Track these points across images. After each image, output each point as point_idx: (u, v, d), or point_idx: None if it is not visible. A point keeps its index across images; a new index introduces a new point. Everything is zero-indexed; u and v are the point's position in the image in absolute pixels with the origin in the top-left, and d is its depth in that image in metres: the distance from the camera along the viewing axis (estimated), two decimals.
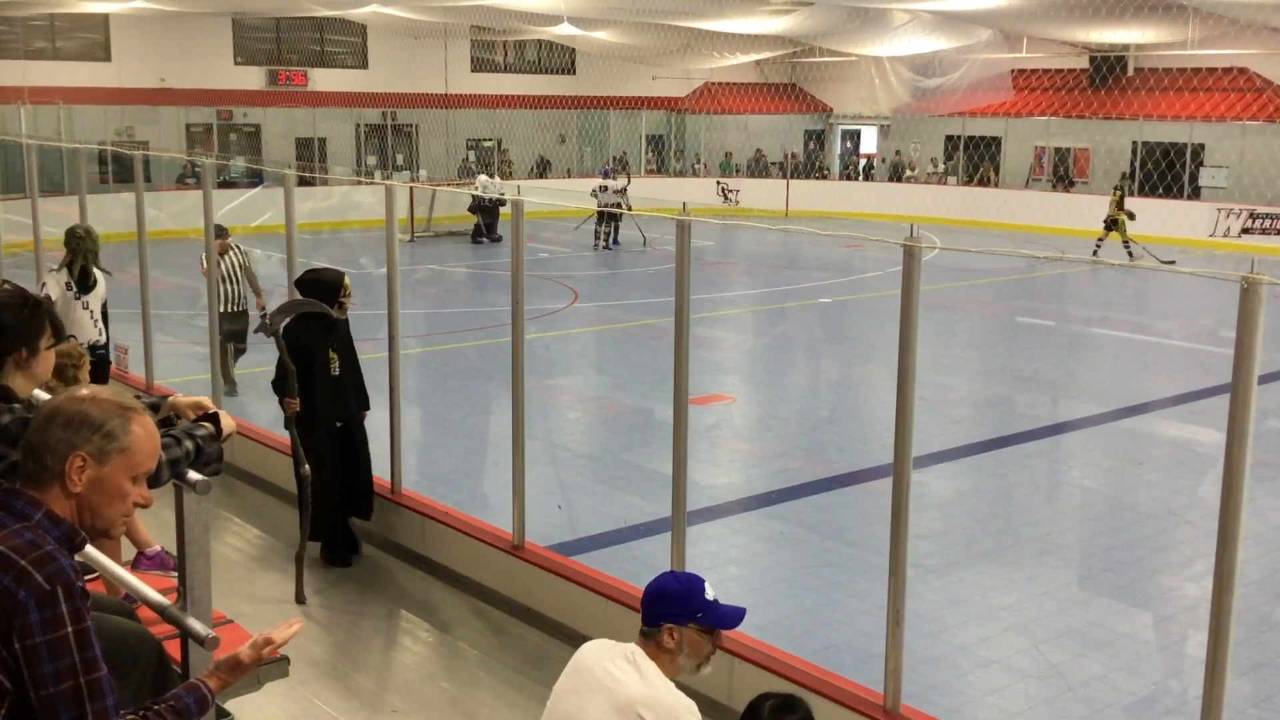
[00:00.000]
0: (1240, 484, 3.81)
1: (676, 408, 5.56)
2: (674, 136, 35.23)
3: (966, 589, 7.46)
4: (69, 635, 2.23)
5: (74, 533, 2.38)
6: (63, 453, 2.35)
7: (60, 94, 24.97)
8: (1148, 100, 28.44)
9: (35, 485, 2.36)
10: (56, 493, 2.37)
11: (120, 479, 2.41)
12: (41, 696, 2.22)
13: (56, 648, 2.21)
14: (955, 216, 27.66)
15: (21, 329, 3.29)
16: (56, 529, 2.34)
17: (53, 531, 2.33)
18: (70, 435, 2.36)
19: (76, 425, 2.37)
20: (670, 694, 3.13)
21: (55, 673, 2.22)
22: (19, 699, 2.24)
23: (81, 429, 2.37)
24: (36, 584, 2.21)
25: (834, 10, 23.23)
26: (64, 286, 8.51)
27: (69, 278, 8.56)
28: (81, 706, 2.24)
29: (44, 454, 2.36)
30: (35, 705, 2.23)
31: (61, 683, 2.22)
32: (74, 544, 2.38)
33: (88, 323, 8.59)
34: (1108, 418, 11.85)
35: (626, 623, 3.35)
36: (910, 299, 4.58)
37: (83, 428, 2.37)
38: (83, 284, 8.57)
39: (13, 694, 2.24)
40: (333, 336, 6.98)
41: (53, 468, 2.36)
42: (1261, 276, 3.68)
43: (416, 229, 25.86)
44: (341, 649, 6.12)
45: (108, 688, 2.29)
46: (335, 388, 6.99)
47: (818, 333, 17.14)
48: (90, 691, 2.25)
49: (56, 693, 2.22)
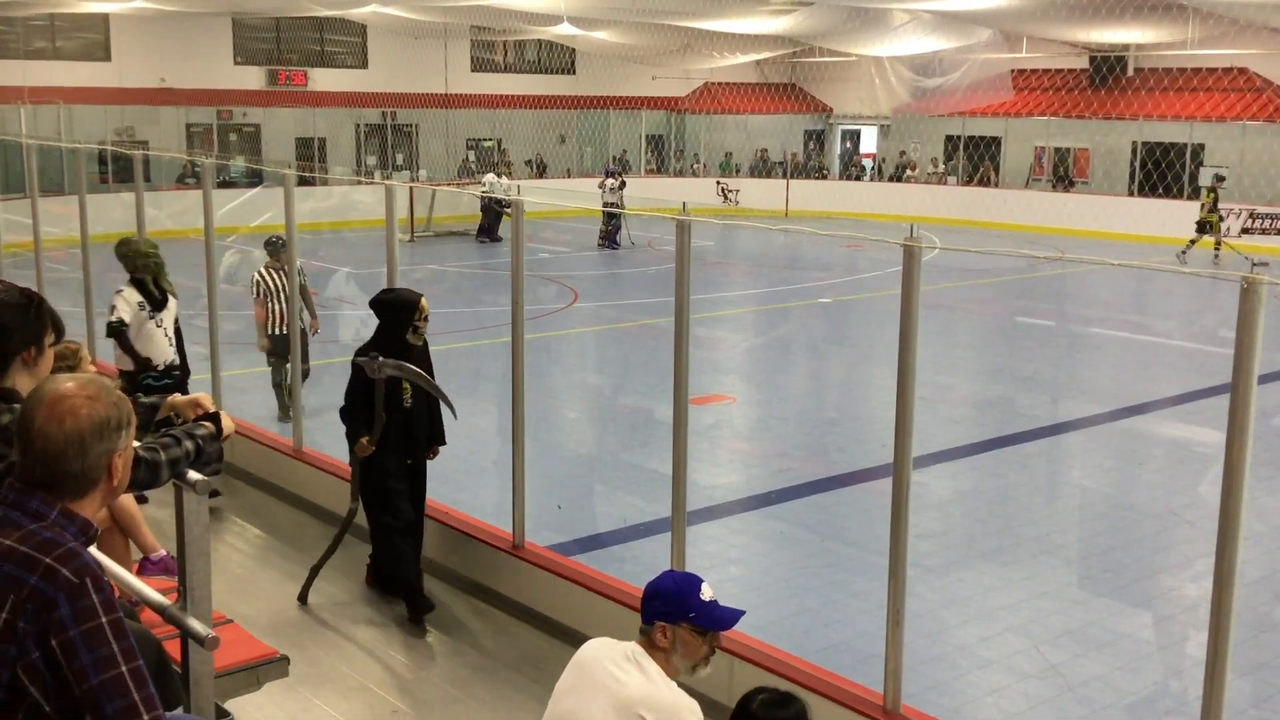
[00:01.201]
0: (1240, 484, 3.81)
1: (676, 408, 5.56)
2: (674, 136, 35.23)
3: (966, 589, 7.46)
4: (104, 625, 2.23)
5: (88, 525, 2.40)
6: (106, 463, 2.40)
7: (60, 94, 24.98)
8: (1148, 100, 28.43)
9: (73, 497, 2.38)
10: (96, 495, 2.40)
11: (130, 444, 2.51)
12: (85, 690, 2.21)
13: (93, 638, 2.21)
14: (955, 216, 27.66)
15: (27, 328, 3.29)
16: (72, 525, 2.35)
17: (69, 528, 2.34)
18: (108, 444, 2.40)
19: (104, 433, 2.40)
20: (672, 693, 3.13)
21: (95, 663, 2.21)
22: (37, 709, 2.23)
23: (108, 435, 2.40)
24: (65, 579, 2.22)
25: (834, 10, 23.23)
26: (136, 306, 7.92)
27: (140, 296, 7.96)
28: (129, 695, 2.23)
29: (91, 473, 2.38)
30: (80, 700, 2.21)
31: (103, 672, 2.21)
32: (89, 536, 2.40)
33: (163, 342, 8.05)
34: (1108, 418, 11.85)
35: (626, 623, 3.35)
36: (910, 299, 4.58)
37: (108, 433, 2.40)
38: (155, 301, 8.03)
39: (32, 701, 2.22)
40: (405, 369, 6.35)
41: (97, 479, 2.39)
42: (1261, 276, 3.68)
43: (416, 229, 25.86)
44: (341, 649, 6.12)
45: (148, 675, 2.29)
46: (406, 422, 6.36)
47: (818, 333, 17.13)
48: (135, 679, 2.24)
49: (99, 683, 2.20)
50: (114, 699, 2.21)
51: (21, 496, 2.35)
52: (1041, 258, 5.95)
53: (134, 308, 7.91)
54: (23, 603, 2.19)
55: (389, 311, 6.34)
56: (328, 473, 7.90)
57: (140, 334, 7.94)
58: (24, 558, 2.23)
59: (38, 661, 2.20)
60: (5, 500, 2.37)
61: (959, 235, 24.57)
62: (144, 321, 7.92)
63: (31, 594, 2.19)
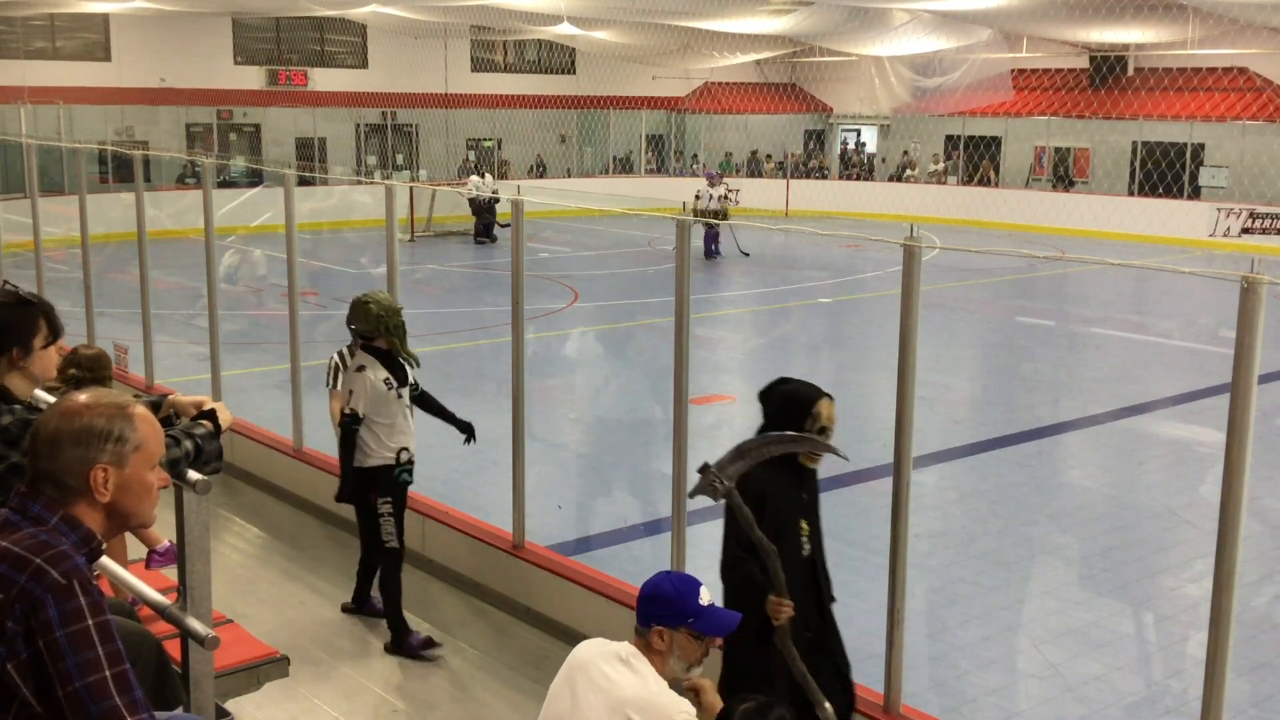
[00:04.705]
0: (1240, 484, 3.81)
1: (676, 408, 5.57)
2: (674, 136, 35.23)
3: (966, 589, 7.45)
4: (90, 628, 2.22)
5: (90, 537, 2.38)
6: (81, 470, 2.36)
7: (60, 94, 24.98)
8: (1148, 100, 28.43)
9: (59, 504, 2.37)
10: (84, 506, 2.38)
11: (143, 474, 2.43)
12: (68, 692, 2.20)
13: (78, 641, 2.21)
14: (955, 216, 27.66)
15: (13, 328, 3.27)
16: (73, 534, 2.34)
17: (70, 535, 2.33)
18: (84, 452, 2.36)
19: (87, 440, 2.36)
20: (664, 695, 3.12)
21: (79, 666, 2.20)
22: (28, 709, 2.23)
23: (93, 442, 2.37)
24: (53, 580, 2.21)
25: (834, 10, 23.22)
26: (384, 384, 6.05)
27: (386, 371, 6.08)
28: (111, 699, 2.22)
29: (62, 477, 2.36)
30: (62, 702, 2.20)
31: (87, 676, 2.20)
32: (90, 549, 2.37)
33: (408, 426, 6.21)
34: (1108, 418, 11.85)
35: (626, 623, 3.34)
36: (910, 299, 4.58)
37: (94, 440, 2.37)
38: (400, 374, 6.17)
39: (23, 701, 2.23)
40: (804, 493, 4.50)
41: (76, 487, 2.36)
42: (1261, 276, 3.68)
43: (417, 229, 25.86)
44: (342, 649, 6.12)
45: (135, 680, 2.28)
46: (808, 574, 4.46)
47: (818, 332, 17.13)
48: (118, 684, 2.23)
49: (83, 686, 2.20)
50: (97, 702, 2.21)
51: (25, 500, 2.36)
52: (1041, 258, 5.95)
53: (380, 385, 6.04)
54: (11, 603, 2.19)
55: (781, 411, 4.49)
56: (328, 473, 7.90)
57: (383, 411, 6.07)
58: (17, 559, 2.23)
59: (28, 662, 2.20)
60: (10, 504, 2.37)
61: (959, 235, 24.57)
62: (390, 401, 6.07)
63: (20, 594, 2.19)
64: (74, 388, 4.91)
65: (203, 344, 9.06)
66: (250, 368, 11.41)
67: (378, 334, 6.08)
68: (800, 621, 4.20)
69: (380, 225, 7.72)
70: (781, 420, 4.40)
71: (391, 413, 6.06)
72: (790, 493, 4.37)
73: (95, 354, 5.59)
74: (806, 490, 4.48)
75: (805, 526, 4.44)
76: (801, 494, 4.43)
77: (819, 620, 4.46)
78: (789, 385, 4.58)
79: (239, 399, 10.94)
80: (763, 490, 4.16)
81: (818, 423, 4.40)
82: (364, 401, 5.96)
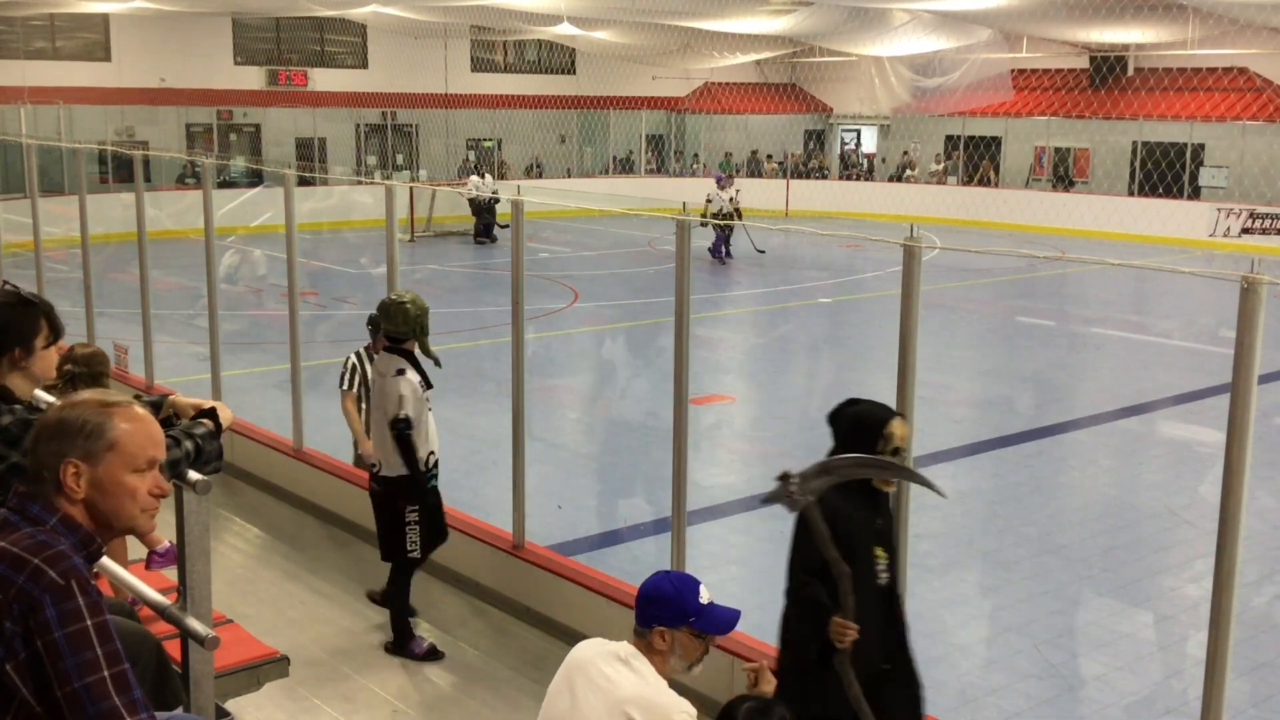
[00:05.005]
0: (1240, 484, 3.81)
1: (676, 408, 5.57)
2: (674, 136, 35.23)
3: (966, 589, 7.46)
4: (88, 628, 2.22)
5: (90, 539, 2.38)
6: (54, 464, 2.35)
7: (60, 94, 24.98)
8: (1148, 100, 28.43)
9: (48, 501, 2.38)
10: (65, 504, 2.37)
11: (119, 474, 2.38)
12: (66, 692, 2.20)
13: (77, 641, 2.20)
14: (955, 216, 27.66)
15: (14, 328, 3.27)
16: (72, 535, 2.34)
17: (68, 537, 2.33)
18: (57, 445, 2.36)
19: (59, 434, 2.37)
20: (664, 694, 3.12)
21: (78, 666, 2.20)
22: (27, 709, 2.23)
23: (64, 436, 2.36)
24: (51, 580, 2.21)
25: (834, 10, 23.22)
26: (418, 386, 5.87)
27: (420, 374, 5.91)
28: (110, 700, 2.22)
29: (41, 470, 2.37)
30: (61, 702, 2.20)
31: (86, 676, 2.20)
32: (90, 550, 2.37)
33: (435, 432, 6.11)
34: (1108, 418, 11.85)
35: (626, 623, 3.34)
36: (910, 299, 4.58)
37: (65, 434, 2.36)
38: (425, 376, 6.04)
39: (22, 702, 2.22)
40: (878, 519, 4.22)
41: (51, 481, 2.36)
42: (1261, 276, 3.68)
43: (417, 229, 25.87)
44: (341, 649, 6.12)
45: (134, 680, 2.28)
46: (885, 603, 4.20)
47: (818, 333, 17.13)
48: (117, 685, 2.23)
49: (81, 687, 2.20)
50: (96, 702, 2.20)
51: (25, 501, 2.36)
52: (1041, 258, 5.96)
53: (416, 389, 5.85)
54: (10, 603, 2.19)
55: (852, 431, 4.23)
56: (328, 473, 7.90)
57: (420, 418, 5.91)
58: (15, 559, 2.23)
59: (27, 662, 2.20)
60: (9, 504, 2.37)
61: (959, 235, 24.57)
62: (423, 405, 5.91)
63: (18, 594, 2.19)
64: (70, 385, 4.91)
65: (203, 344, 9.06)
66: (250, 368, 11.42)
67: (411, 335, 5.91)
68: (879, 652, 4.06)
69: (380, 225, 7.72)
70: (852, 443, 4.16)
71: (424, 417, 5.96)
72: (864, 516, 4.11)
73: (91, 351, 5.58)
74: (881, 516, 4.21)
75: (882, 554, 4.16)
76: (876, 519, 4.17)
77: (901, 653, 4.21)
78: (858, 406, 4.30)
79: (239, 399, 10.95)
80: (834, 513, 3.87)
81: (890, 444, 4.14)
82: (412, 404, 5.81)
